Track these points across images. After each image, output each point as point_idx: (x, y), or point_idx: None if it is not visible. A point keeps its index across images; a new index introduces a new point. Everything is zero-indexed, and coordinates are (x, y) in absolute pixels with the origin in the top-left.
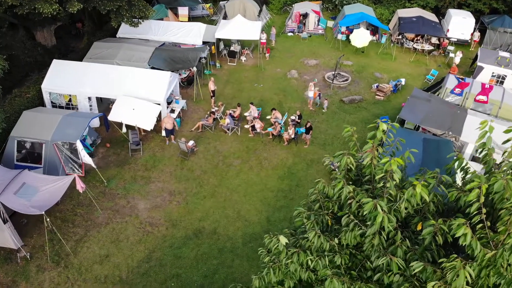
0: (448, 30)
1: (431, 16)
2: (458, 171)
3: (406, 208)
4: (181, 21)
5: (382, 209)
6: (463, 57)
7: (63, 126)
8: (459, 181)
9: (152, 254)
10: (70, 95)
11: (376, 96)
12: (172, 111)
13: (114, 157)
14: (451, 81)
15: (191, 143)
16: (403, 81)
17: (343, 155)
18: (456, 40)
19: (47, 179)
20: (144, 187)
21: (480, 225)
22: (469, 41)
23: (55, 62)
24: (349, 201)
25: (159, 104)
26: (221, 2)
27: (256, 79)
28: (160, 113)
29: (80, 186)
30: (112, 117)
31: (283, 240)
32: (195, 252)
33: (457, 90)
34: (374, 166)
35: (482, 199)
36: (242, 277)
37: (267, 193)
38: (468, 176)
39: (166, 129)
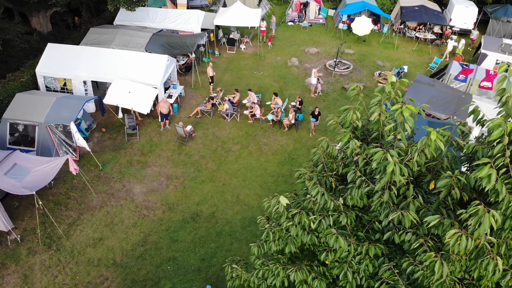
0: (450, 20)
1: (433, 5)
2: (474, 123)
3: (418, 164)
4: None
5: (393, 159)
6: (464, 46)
7: (56, 108)
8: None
9: (148, 237)
10: (65, 79)
11: (379, 84)
12: (170, 96)
13: (110, 142)
14: (455, 68)
15: (189, 127)
16: (405, 68)
17: (348, 110)
18: (459, 29)
19: (39, 160)
20: (140, 171)
21: (504, 169)
22: (472, 30)
23: (50, 46)
24: (355, 158)
25: (156, 88)
26: None
27: (256, 67)
28: (157, 97)
29: (73, 168)
30: (107, 100)
31: (284, 201)
32: (193, 236)
33: (461, 76)
34: (382, 122)
35: (506, 139)
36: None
37: (267, 178)
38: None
39: (161, 114)
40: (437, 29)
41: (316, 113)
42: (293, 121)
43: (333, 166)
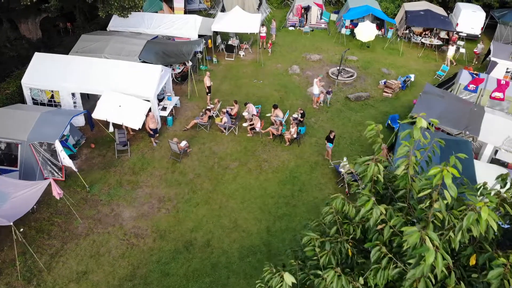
0: (457, 25)
1: (439, 10)
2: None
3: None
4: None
5: (433, 244)
6: (467, 52)
7: (41, 125)
8: None
9: (137, 270)
10: (52, 91)
11: (384, 93)
12: (164, 108)
13: (99, 159)
14: (464, 77)
15: (183, 143)
16: (412, 77)
17: (369, 162)
18: (465, 35)
19: (19, 185)
20: (130, 193)
21: None
22: (479, 35)
23: (37, 56)
24: (379, 226)
25: (148, 101)
26: None
27: (256, 75)
28: (150, 110)
29: (56, 192)
30: (96, 115)
31: (289, 279)
32: (185, 268)
33: (471, 87)
34: (411, 178)
35: None
36: None
37: (267, 199)
38: None
39: (150, 129)
40: (443, 34)
41: (332, 137)
42: (295, 135)
43: (349, 229)
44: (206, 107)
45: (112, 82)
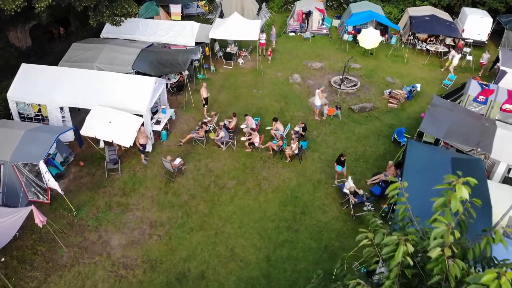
0: (463, 31)
1: (445, 15)
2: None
3: None
4: (173, 20)
5: None
6: (474, 60)
7: (25, 144)
8: None
9: None
10: (39, 105)
11: (389, 104)
12: (158, 122)
13: (88, 179)
14: (473, 88)
15: (178, 161)
16: (418, 87)
17: (399, 245)
18: (472, 41)
19: None
20: (120, 217)
21: None
22: (486, 42)
23: (24, 67)
24: None
25: (141, 116)
26: (217, 0)
27: (255, 84)
28: (143, 125)
29: (39, 219)
30: (85, 131)
31: None
32: None
33: (481, 98)
34: (447, 263)
35: None
36: None
37: (266, 223)
38: None
39: (140, 145)
40: (449, 41)
41: (342, 159)
42: (296, 151)
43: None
44: (202, 120)
45: (102, 95)
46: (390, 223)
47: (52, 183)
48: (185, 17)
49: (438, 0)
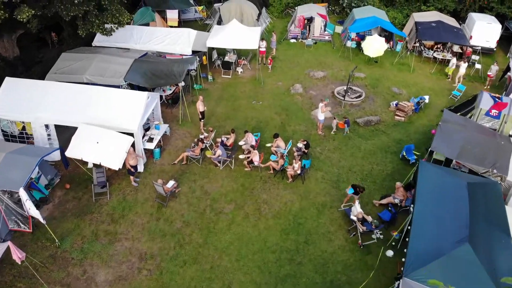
0: (471, 37)
1: (452, 21)
2: None
3: None
4: (170, 26)
5: None
6: (454, 66)
7: (4, 169)
8: None
9: None
10: (23, 122)
11: (396, 117)
12: (151, 139)
13: (74, 203)
14: (486, 101)
15: (170, 184)
16: (426, 98)
17: None
18: (480, 48)
19: None
20: (107, 248)
21: None
22: (494, 49)
23: (8, 81)
24: None
25: (131, 135)
26: (215, 5)
27: (254, 95)
28: (134, 145)
29: (17, 256)
30: (70, 153)
31: None
32: None
33: (494, 112)
34: None
35: None
36: None
37: (267, 255)
38: None
39: (130, 166)
40: (456, 48)
41: (358, 190)
42: (298, 172)
43: None
44: (198, 137)
45: (90, 112)
46: (405, 250)
47: (33, 212)
48: (182, 22)
49: (444, 5)
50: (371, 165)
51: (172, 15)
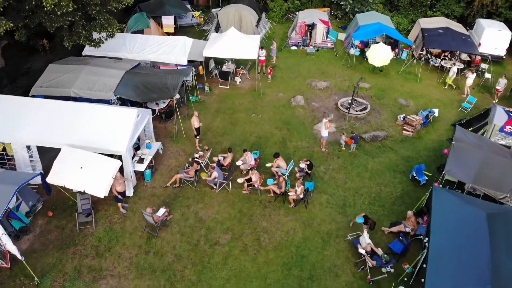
0: (479, 45)
1: (459, 27)
2: None
3: None
4: (165, 33)
5: None
6: (455, 75)
7: None
8: None
9: None
10: (3, 143)
11: (404, 131)
12: (141, 160)
13: (56, 234)
14: (499, 116)
15: (161, 212)
16: (436, 112)
17: None
18: (489, 56)
19: None
20: (90, 287)
21: None
22: (504, 57)
23: None
24: None
25: (119, 158)
26: (213, 10)
27: (254, 108)
28: (122, 169)
29: None
30: (52, 179)
31: None
32: None
33: (508, 128)
34: None
35: None
36: None
37: None
38: None
39: (118, 193)
40: (464, 56)
41: (369, 224)
42: (301, 196)
43: None
44: (193, 156)
45: (75, 132)
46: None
47: (10, 247)
48: (178, 28)
49: (451, 11)
50: (379, 187)
51: (168, 21)
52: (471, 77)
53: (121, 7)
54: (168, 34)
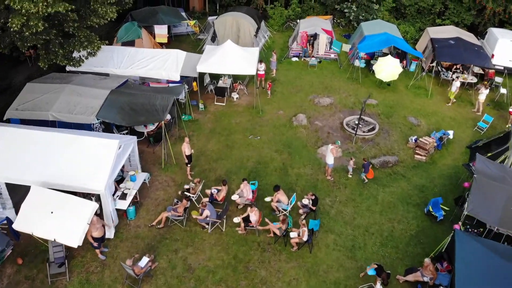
0: (492, 56)
1: (471, 37)
2: None
3: None
4: (158, 43)
5: None
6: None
7: None
8: None
9: None
10: None
11: (416, 156)
12: (124, 196)
13: (26, 286)
14: None
15: (143, 262)
16: (451, 134)
17: None
18: (502, 68)
19: None
20: None
21: None
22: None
23: None
24: None
25: (97, 196)
26: (209, 18)
27: (252, 128)
28: (100, 211)
29: None
30: (18, 225)
31: None
32: None
33: None
34: None
35: None
36: None
37: None
38: None
39: (94, 239)
40: (477, 69)
41: (384, 281)
42: (305, 239)
43: None
44: (183, 189)
45: (47, 167)
46: None
47: None
48: (173, 37)
49: (461, 19)
50: (392, 223)
51: (161, 30)
52: (484, 93)
53: (102, 23)
54: (161, 44)
